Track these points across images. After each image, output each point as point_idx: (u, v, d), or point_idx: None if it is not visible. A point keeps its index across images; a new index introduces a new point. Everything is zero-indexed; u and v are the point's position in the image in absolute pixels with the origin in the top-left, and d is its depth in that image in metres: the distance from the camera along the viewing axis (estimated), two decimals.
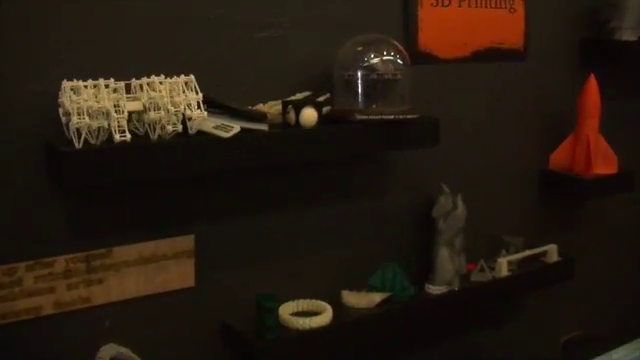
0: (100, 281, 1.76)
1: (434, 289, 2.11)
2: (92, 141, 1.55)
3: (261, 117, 1.77)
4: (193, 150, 1.63)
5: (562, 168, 2.50)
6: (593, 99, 2.43)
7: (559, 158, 2.51)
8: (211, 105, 1.73)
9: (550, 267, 2.32)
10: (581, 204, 2.65)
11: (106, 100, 1.55)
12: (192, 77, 1.66)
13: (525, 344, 2.49)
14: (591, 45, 2.56)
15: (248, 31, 1.86)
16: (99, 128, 1.54)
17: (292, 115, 1.77)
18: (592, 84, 2.42)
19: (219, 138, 1.65)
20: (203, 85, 1.69)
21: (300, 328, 1.88)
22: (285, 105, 1.80)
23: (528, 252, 2.31)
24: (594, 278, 2.41)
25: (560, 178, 2.50)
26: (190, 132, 1.64)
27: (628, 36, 2.53)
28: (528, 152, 2.49)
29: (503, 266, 2.24)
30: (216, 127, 1.68)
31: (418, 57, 2.14)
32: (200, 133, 1.66)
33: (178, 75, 1.65)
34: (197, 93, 1.65)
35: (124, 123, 1.56)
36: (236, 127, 1.67)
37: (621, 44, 2.52)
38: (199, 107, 1.64)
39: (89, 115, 1.52)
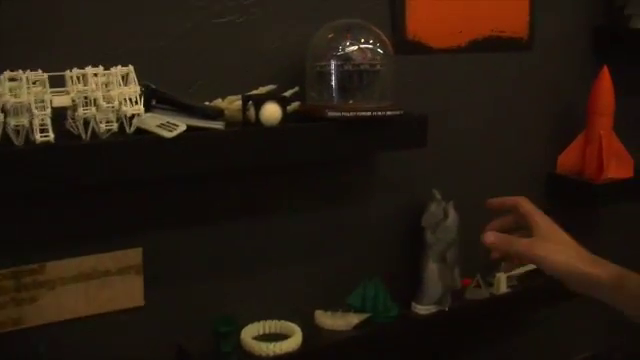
0: (32, 300, 1.55)
1: (421, 309, 1.88)
2: (16, 141, 1.34)
3: (216, 114, 1.55)
4: (129, 152, 1.40)
5: (571, 172, 2.26)
6: (606, 94, 2.18)
7: (568, 160, 2.27)
8: (160, 100, 1.52)
9: (556, 282, 2.07)
10: (592, 212, 2.41)
11: (26, 94, 1.34)
12: (131, 68, 1.44)
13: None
14: (605, 34, 2.31)
15: (205, 16, 1.64)
16: (18, 126, 1.33)
17: (252, 112, 1.55)
18: (605, 78, 2.18)
19: (161, 138, 1.43)
20: (152, 78, 1.49)
21: (264, 354, 1.66)
22: (245, 100, 1.57)
23: (530, 265, 2.07)
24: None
25: (569, 183, 2.27)
26: (128, 131, 1.43)
27: None
28: (533, 154, 2.25)
29: (502, 281, 2.01)
30: (160, 126, 1.45)
31: (406, 47, 1.91)
32: (143, 132, 1.44)
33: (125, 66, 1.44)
34: (137, 86, 1.43)
35: (47, 121, 1.35)
36: (182, 125, 1.45)
37: (638, 33, 2.28)
38: (138, 102, 1.42)
39: (5, 112, 1.32)
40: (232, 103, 1.61)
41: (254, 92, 1.62)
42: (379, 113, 1.63)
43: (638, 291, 1.34)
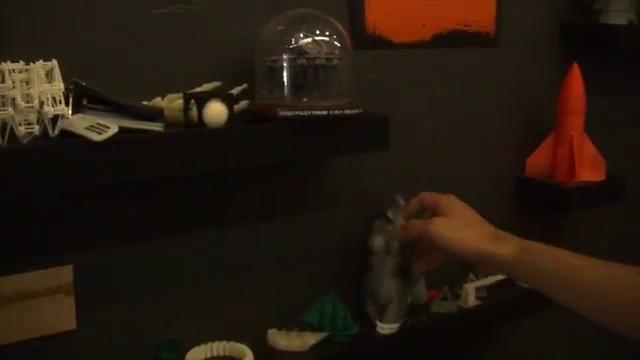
0: None
1: (385, 328, 1.72)
2: None
3: (154, 114, 1.39)
4: (52, 158, 1.23)
5: (541, 174, 2.14)
6: (577, 93, 2.06)
7: (537, 163, 2.14)
8: (92, 100, 1.35)
9: (527, 292, 1.94)
10: (563, 216, 2.29)
11: None
12: (55, 62, 1.26)
13: None
14: (574, 30, 2.19)
15: (143, 6, 1.47)
16: None
17: (195, 111, 1.39)
18: (575, 75, 2.06)
19: (90, 142, 1.26)
20: (82, 75, 1.33)
21: None
22: (187, 99, 1.41)
23: (500, 275, 1.94)
24: None
25: (539, 186, 2.14)
26: (52, 134, 1.26)
27: (616, 19, 2.17)
28: (500, 156, 2.12)
29: (470, 293, 1.88)
30: (89, 128, 1.29)
31: (365, 41, 1.76)
32: (71, 136, 1.27)
33: None
34: (62, 84, 1.26)
35: None
36: (113, 127, 1.28)
37: (608, 29, 2.16)
38: (63, 102, 1.25)
39: None
40: (173, 102, 1.45)
41: (197, 90, 1.46)
42: (336, 112, 1.48)
43: (540, 269, 1.33)
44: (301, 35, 1.51)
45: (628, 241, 2.48)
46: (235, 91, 1.48)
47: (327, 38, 1.52)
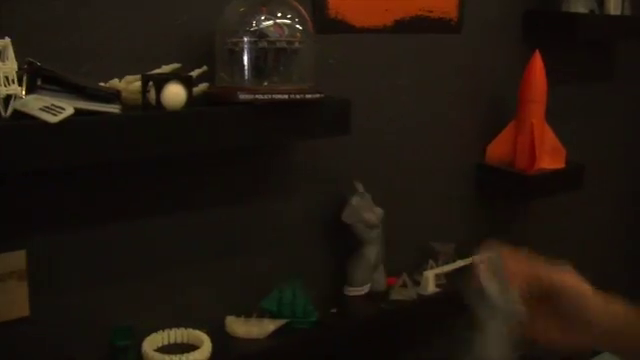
0: None
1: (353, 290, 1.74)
2: None
3: (112, 96, 1.35)
4: (4, 140, 1.19)
5: (501, 162, 2.14)
6: (538, 80, 2.07)
7: (498, 150, 2.15)
8: (47, 80, 1.31)
9: None
10: (524, 204, 2.30)
11: None
12: (8, 41, 1.23)
13: None
14: (537, 17, 2.19)
15: None
16: None
17: (153, 93, 1.36)
18: (537, 62, 2.06)
19: (45, 124, 1.22)
20: (37, 54, 1.29)
21: None
22: (145, 81, 1.38)
23: (460, 262, 1.93)
24: None
25: (499, 174, 2.14)
26: (4, 115, 1.22)
27: (578, 8, 2.17)
28: (461, 143, 2.12)
29: (430, 280, 1.87)
30: (43, 109, 1.25)
31: (327, 25, 1.74)
32: (25, 117, 1.23)
33: None
34: (15, 63, 1.22)
35: None
36: (69, 109, 1.25)
37: (570, 17, 2.16)
38: (16, 81, 1.22)
39: None
40: (130, 84, 1.42)
41: (156, 71, 1.43)
42: (297, 96, 1.46)
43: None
44: (262, 17, 1.49)
45: (588, 227, 2.51)
46: (194, 73, 1.45)
47: (289, 21, 1.50)
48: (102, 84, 1.40)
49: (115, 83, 1.42)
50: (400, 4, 1.88)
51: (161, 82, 1.35)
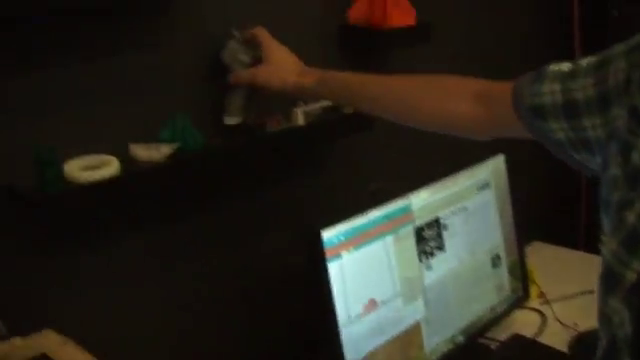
0: None
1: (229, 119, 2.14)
2: None
3: None
4: None
5: (360, 21, 2.50)
6: None
7: (358, 11, 2.50)
8: None
9: (348, 117, 2.35)
10: (382, 57, 2.68)
11: None
12: None
13: (332, 194, 2.54)
14: None
15: None
16: None
17: None
18: None
19: None
20: None
21: (84, 181, 1.83)
22: None
23: (324, 102, 2.32)
24: (396, 127, 2.44)
25: (358, 32, 2.51)
26: None
27: None
28: (324, 3, 2.45)
29: (299, 115, 2.25)
30: None
31: None
32: None
33: None
34: None
35: None
36: None
37: None
38: None
39: None
40: None
41: None
42: None
43: (336, 88, 1.96)
44: None
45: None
46: None
47: None
48: None
49: None
50: None
51: None
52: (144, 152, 1.99)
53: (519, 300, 2.77)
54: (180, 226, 2.19)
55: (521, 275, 2.75)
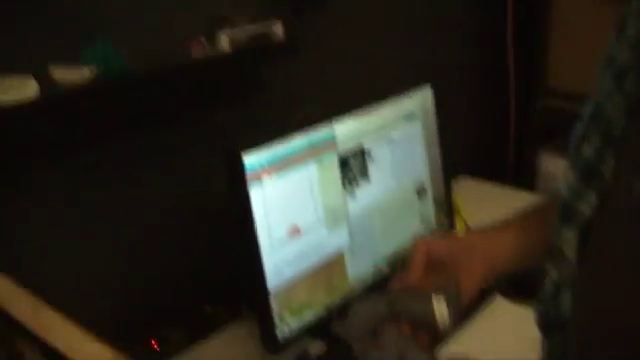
0: None
1: None
2: None
3: None
4: None
5: None
6: None
7: None
8: None
9: (275, 44, 2.34)
10: None
11: None
12: None
13: (257, 121, 2.52)
14: None
15: None
16: None
17: None
18: None
19: None
20: None
21: (3, 102, 1.79)
22: None
23: (253, 28, 2.30)
24: (323, 55, 2.45)
25: None
26: None
27: None
28: None
29: (224, 40, 2.22)
30: None
31: None
32: None
33: None
34: None
35: None
36: None
37: None
38: None
39: None
40: None
41: None
42: None
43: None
44: None
45: None
46: None
47: None
48: None
49: None
50: None
51: None
52: (64, 74, 1.96)
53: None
54: (102, 151, 2.18)
55: (447, 208, 2.79)
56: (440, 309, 1.37)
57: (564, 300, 1.39)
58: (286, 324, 2.18)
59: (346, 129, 2.32)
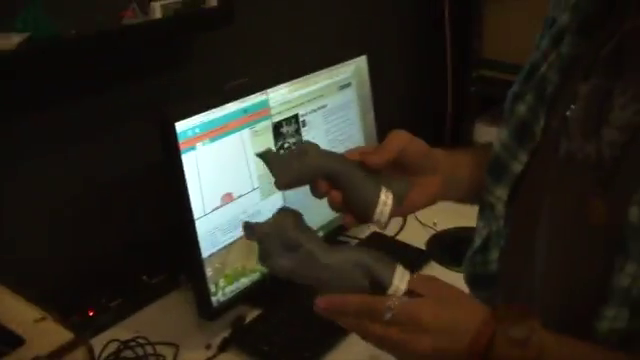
0: None
1: None
2: None
3: None
4: None
5: None
6: None
7: None
8: None
9: (208, 11, 2.33)
10: None
11: None
12: None
13: (190, 90, 2.51)
14: None
15: None
16: None
17: None
18: None
19: None
20: None
21: None
22: None
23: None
24: (257, 23, 2.44)
25: None
26: None
27: None
28: None
29: (157, 9, 2.20)
30: None
31: None
32: None
33: None
34: None
35: None
36: None
37: None
38: None
39: None
40: None
41: None
42: None
43: None
44: None
45: None
46: None
47: None
48: None
49: None
50: None
51: None
52: None
53: None
54: (33, 121, 2.16)
55: None
56: (383, 206, 1.25)
57: (491, 255, 1.43)
58: (221, 290, 2.20)
59: (280, 96, 2.34)
